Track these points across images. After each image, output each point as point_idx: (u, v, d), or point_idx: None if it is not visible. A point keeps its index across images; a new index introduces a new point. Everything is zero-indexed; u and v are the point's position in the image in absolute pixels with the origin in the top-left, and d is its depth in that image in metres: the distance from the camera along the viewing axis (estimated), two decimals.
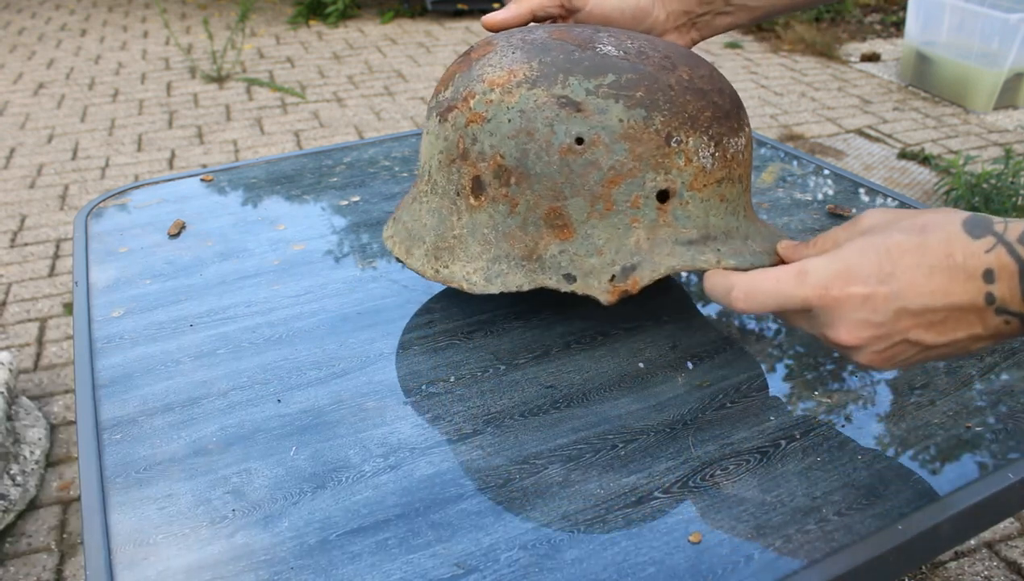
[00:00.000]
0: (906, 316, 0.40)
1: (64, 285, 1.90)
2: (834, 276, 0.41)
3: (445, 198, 0.52)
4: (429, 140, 0.53)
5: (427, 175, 0.54)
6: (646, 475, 0.46)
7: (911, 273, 0.40)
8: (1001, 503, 0.46)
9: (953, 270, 0.39)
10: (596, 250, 0.49)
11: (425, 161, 0.54)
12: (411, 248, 0.54)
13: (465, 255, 0.51)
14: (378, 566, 0.41)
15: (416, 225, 0.54)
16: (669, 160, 0.48)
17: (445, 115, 0.51)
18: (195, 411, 0.52)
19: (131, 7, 4.43)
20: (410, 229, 0.55)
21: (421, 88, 3.15)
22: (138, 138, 2.71)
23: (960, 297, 0.39)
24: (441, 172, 0.52)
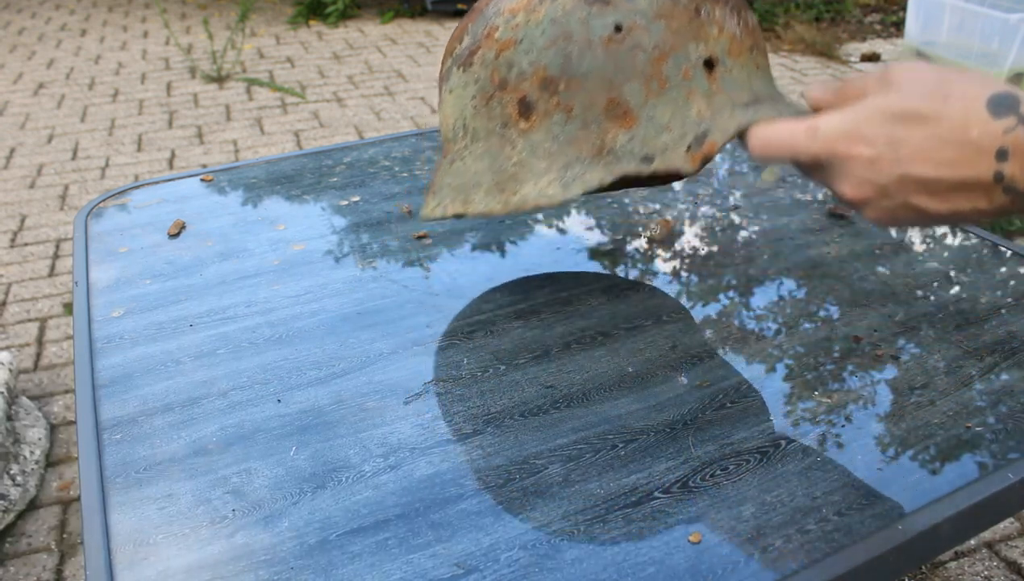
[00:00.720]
0: (910, 182, 0.40)
1: (64, 285, 1.90)
2: (844, 135, 0.42)
3: (492, 137, 0.51)
4: (455, 96, 0.52)
5: (460, 132, 0.52)
6: (646, 475, 0.46)
7: (922, 142, 0.39)
8: (1001, 503, 0.46)
9: (966, 145, 0.38)
10: (664, 128, 0.49)
11: (453, 121, 0.53)
12: (468, 198, 0.51)
13: (532, 175, 0.49)
14: (378, 566, 0.41)
15: (464, 179, 0.52)
16: (704, 30, 0.49)
17: (469, 60, 0.51)
18: (195, 411, 0.52)
19: (131, 7, 4.43)
20: (459, 185, 0.52)
21: (421, 88, 3.15)
22: (138, 138, 2.71)
23: (968, 172, 0.39)
24: (479, 116, 0.51)
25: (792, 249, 0.70)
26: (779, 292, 0.64)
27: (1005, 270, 0.67)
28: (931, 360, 0.56)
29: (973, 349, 0.57)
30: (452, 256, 0.69)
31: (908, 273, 0.66)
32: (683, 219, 0.75)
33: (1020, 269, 0.67)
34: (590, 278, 0.66)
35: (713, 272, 0.66)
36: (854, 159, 0.41)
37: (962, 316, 0.61)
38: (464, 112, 0.52)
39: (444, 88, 0.54)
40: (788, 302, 0.62)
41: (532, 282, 0.65)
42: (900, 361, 0.56)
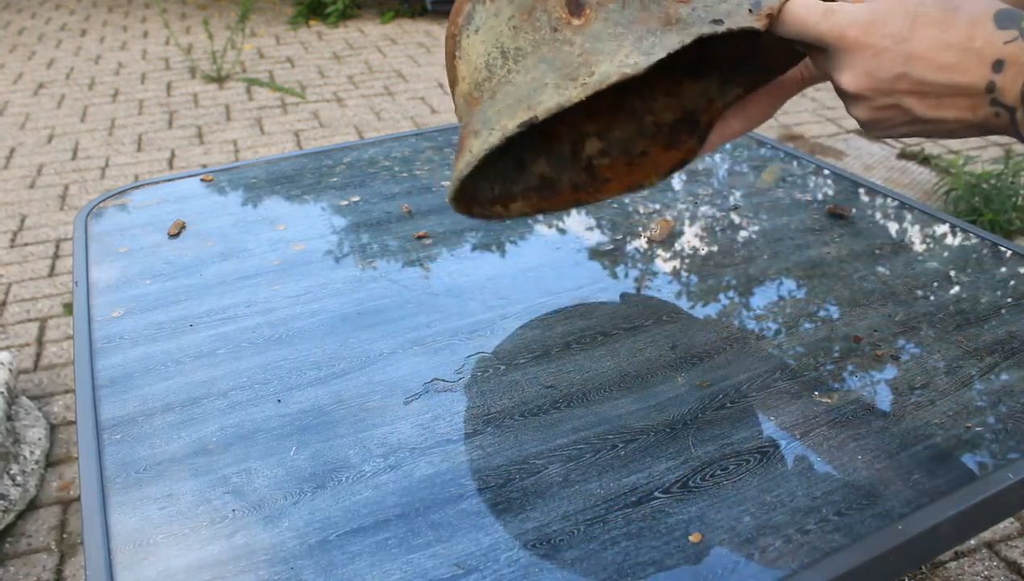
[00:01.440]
0: (905, 81, 0.42)
1: (64, 285, 1.90)
2: (856, 22, 0.43)
3: (541, 47, 0.48)
4: (483, 32, 0.49)
5: (498, 62, 0.49)
6: (646, 475, 0.46)
7: (927, 43, 0.41)
8: (1001, 503, 0.46)
9: (967, 52, 0.40)
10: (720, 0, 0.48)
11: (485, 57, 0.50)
12: (533, 102, 0.47)
13: (604, 56, 0.46)
14: (378, 566, 0.41)
15: (519, 92, 0.47)
16: None
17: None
18: (195, 411, 0.52)
19: (131, 7, 4.43)
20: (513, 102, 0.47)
21: (421, 88, 3.15)
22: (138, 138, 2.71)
23: (962, 77, 0.40)
24: (520, 34, 0.48)
25: (792, 249, 0.70)
26: (779, 292, 0.64)
27: (1005, 270, 0.67)
28: (931, 360, 0.56)
29: (973, 349, 0.57)
30: (452, 256, 0.69)
31: (908, 273, 0.66)
32: (683, 219, 0.75)
33: (1020, 269, 0.67)
34: (590, 278, 0.66)
35: (713, 272, 0.66)
36: (862, 48, 0.43)
37: (962, 316, 0.61)
38: (500, 39, 0.49)
39: (465, 35, 0.51)
40: (788, 302, 0.62)
41: (532, 282, 0.65)
42: (900, 361, 0.56)
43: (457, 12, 0.51)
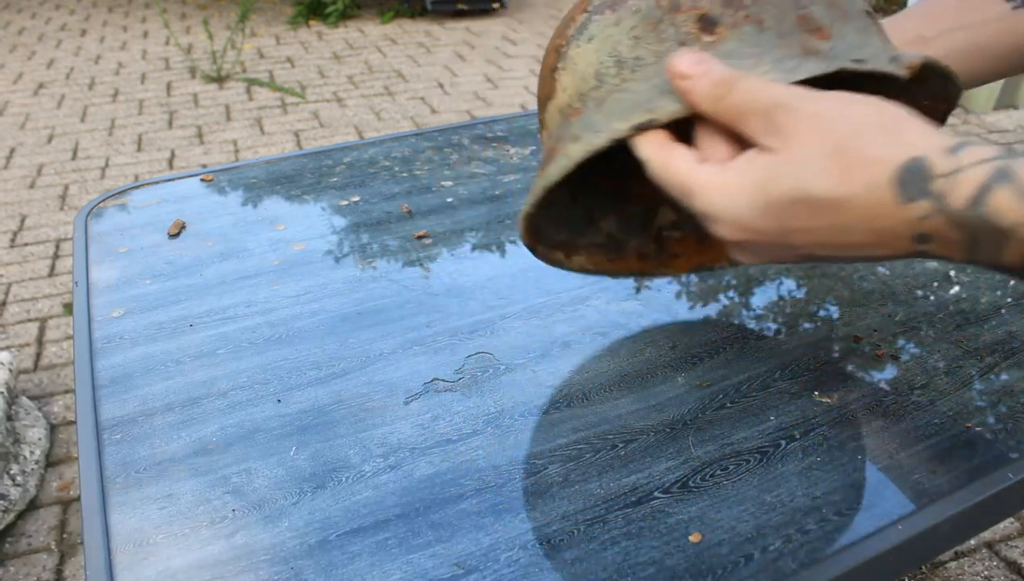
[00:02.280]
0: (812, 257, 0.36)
1: (64, 285, 1.90)
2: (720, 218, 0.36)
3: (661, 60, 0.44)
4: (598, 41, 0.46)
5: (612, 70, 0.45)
6: (646, 475, 0.46)
7: (820, 231, 0.33)
8: (1001, 503, 0.46)
9: (875, 232, 0.32)
10: (857, 46, 0.44)
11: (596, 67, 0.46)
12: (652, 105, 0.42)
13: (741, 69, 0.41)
14: (378, 566, 0.41)
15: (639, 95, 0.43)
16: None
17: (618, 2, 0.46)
18: (195, 411, 0.52)
19: (131, 7, 4.43)
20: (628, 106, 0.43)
21: (421, 88, 3.15)
22: (138, 138, 2.71)
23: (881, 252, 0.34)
24: (642, 45, 0.45)
25: None
26: (779, 292, 0.64)
27: None
28: (931, 360, 0.56)
29: (973, 349, 0.57)
30: (452, 256, 0.69)
31: (908, 273, 0.66)
32: None
33: None
34: (590, 278, 0.66)
35: (713, 272, 0.66)
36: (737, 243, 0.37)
37: (962, 316, 0.61)
38: (616, 48, 0.45)
39: (575, 44, 0.47)
40: (788, 302, 0.62)
41: (532, 282, 0.65)
42: (900, 361, 0.56)
43: (568, 23, 0.49)
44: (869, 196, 0.31)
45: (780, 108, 0.34)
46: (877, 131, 0.32)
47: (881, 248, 0.33)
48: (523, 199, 0.79)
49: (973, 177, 0.30)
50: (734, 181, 0.35)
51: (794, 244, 0.34)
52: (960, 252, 0.31)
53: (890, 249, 0.33)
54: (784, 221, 0.34)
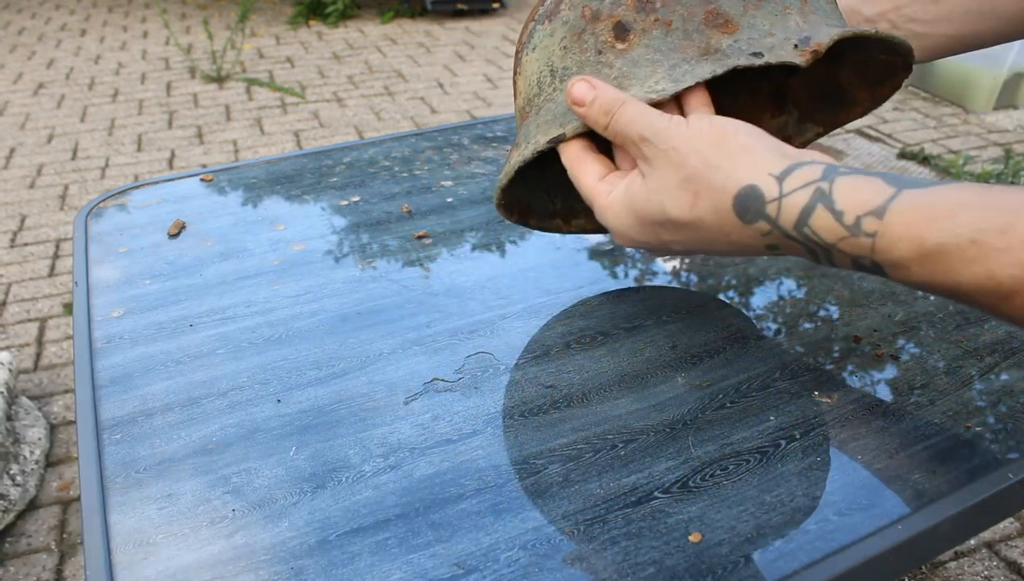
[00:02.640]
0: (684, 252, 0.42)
1: (64, 285, 1.90)
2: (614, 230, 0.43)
3: (585, 67, 0.49)
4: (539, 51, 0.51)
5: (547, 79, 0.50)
6: (646, 475, 0.46)
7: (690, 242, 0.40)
8: (1001, 503, 0.46)
9: (734, 243, 0.39)
10: (767, 33, 0.47)
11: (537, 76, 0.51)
12: (564, 120, 0.48)
13: (636, 81, 0.47)
14: (378, 566, 0.41)
15: (559, 110, 0.48)
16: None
17: (556, 9, 0.50)
18: (195, 411, 0.52)
19: (131, 7, 4.43)
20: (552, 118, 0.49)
21: (421, 88, 3.15)
22: (138, 138, 2.71)
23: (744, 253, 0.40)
24: (569, 55, 0.49)
25: None
26: (779, 292, 0.64)
27: None
28: (931, 360, 0.56)
29: (973, 349, 0.57)
30: (452, 256, 0.69)
31: None
32: None
33: None
34: (590, 278, 0.66)
35: (713, 272, 0.66)
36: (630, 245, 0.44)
37: (962, 316, 0.61)
38: (551, 59, 0.50)
39: (525, 52, 0.52)
40: (788, 302, 0.62)
41: (532, 282, 0.65)
42: (900, 361, 0.56)
43: (522, 32, 0.53)
44: (717, 217, 0.38)
45: (645, 142, 0.40)
46: (721, 162, 0.37)
47: (745, 253, 0.39)
48: None
49: (797, 201, 0.35)
50: (618, 200, 0.42)
51: (673, 250, 0.42)
52: (804, 257, 0.37)
53: (753, 253, 0.39)
54: (658, 235, 0.41)
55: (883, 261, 0.34)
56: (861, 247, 0.34)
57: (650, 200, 0.40)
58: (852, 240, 0.34)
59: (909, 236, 0.32)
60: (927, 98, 3.01)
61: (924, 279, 0.33)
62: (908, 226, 0.32)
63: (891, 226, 0.33)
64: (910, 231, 0.32)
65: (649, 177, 0.40)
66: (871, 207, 0.33)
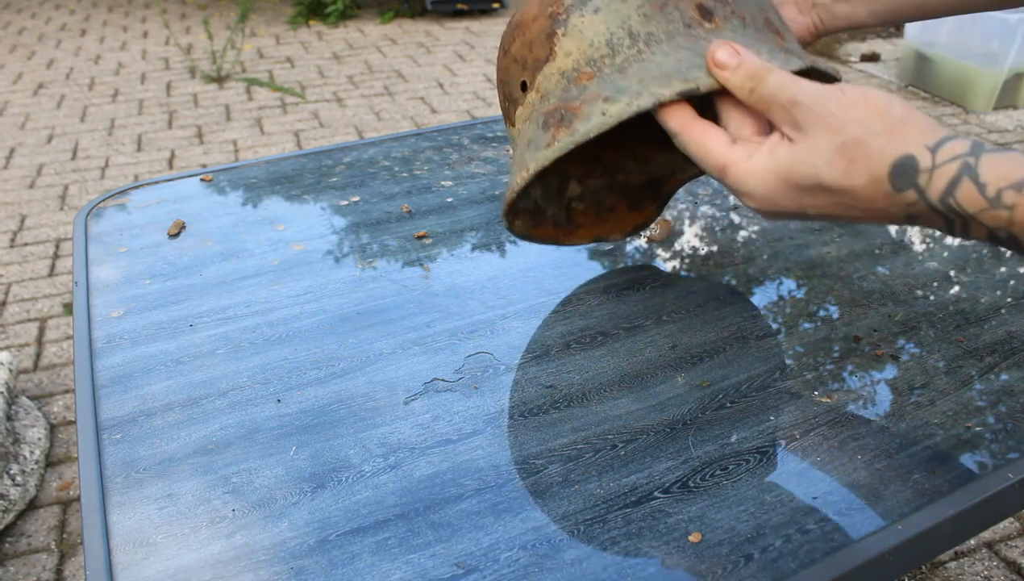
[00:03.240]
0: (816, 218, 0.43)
1: (64, 285, 1.90)
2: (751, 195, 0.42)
3: (676, 36, 0.48)
4: (605, 13, 0.50)
5: (625, 41, 0.49)
6: (646, 475, 0.46)
7: (830, 208, 0.41)
8: (1001, 503, 0.46)
9: (875, 211, 0.39)
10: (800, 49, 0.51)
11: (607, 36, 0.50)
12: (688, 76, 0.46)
13: None
14: (378, 566, 0.41)
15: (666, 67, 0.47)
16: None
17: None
18: (195, 411, 0.52)
19: (131, 7, 4.43)
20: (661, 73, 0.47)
21: (421, 88, 3.15)
22: (138, 138, 2.71)
23: (881, 221, 0.41)
24: (653, 22, 0.49)
25: (792, 249, 0.70)
26: (779, 292, 0.64)
27: (1005, 270, 0.67)
28: (931, 360, 0.56)
29: (973, 349, 0.57)
30: (452, 256, 0.69)
31: (908, 273, 0.66)
32: (683, 219, 0.75)
33: (1020, 269, 0.67)
34: (590, 278, 0.66)
35: (713, 272, 0.66)
36: (763, 212, 0.43)
37: (962, 316, 0.61)
38: (627, 22, 0.49)
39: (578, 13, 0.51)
40: (788, 302, 0.62)
41: (532, 282, 0.65)
42: (900, 361, 0.56)
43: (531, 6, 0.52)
44: (869, 185, 0.38)
45: (797, 106, 0.40)
46: (877, 131, 0.38)
47: (878, 221, 0.40)
48: None
49: (946, 173, 0.37)
50: (761, 165, 0.42)
51: (809, 215, 0.42)
52: (940, 228, 0.39)
53: (886, 221, 0.40)
54: (801, 199, 0.41)
55: (1020, 232, 0.35)
56: (999, 218, 0.36)
57: (803, 162, 0.40)
58: (992, 212, 0.36)
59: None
60: (927, 98, 3.01)
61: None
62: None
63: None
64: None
65: (800, 141, 0.40)
66: (1013, 181, 0.35)
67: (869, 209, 0.39)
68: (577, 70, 0.51)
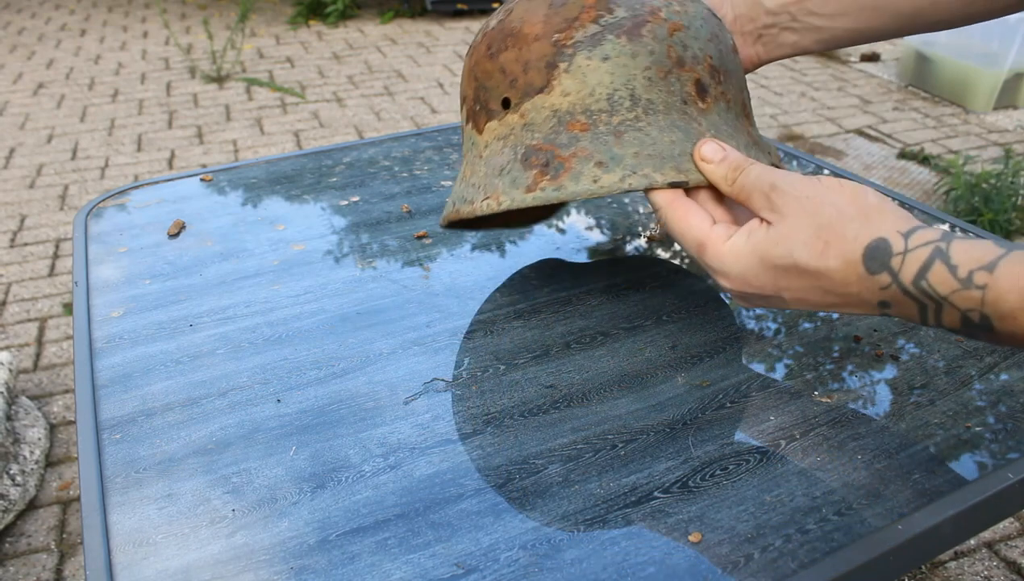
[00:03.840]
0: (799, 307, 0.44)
1: (64, 285, 1.90)
2: (727, 273, 0.44)
3: (673, 112, 0.49)
4: (614, 63, 0.49)
5: (626, 101, 0.49)
6: (646, 475, 0.46)
7: (804, 291, 0.42)
8: (1001, 503, 0.46)
9: (848, 296, 0.41)
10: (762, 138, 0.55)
11: (611, 89, 0.49)
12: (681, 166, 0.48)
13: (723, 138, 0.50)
14: (378, 566, 0.41)
15: (658, 148, 0.48)
16: None
17: (635, 32, 0.49)
18: (195, 411, 0.52)
19: (131, 7, 4.43)
20: (652, 154, 0.48)
21: (421, 88, 3.15)
22: (138, 138, 2.71)
23: (852, 310, 0.42)
24: (655, 89, 0.49)
25: None
26: None
27: None
28: (931, 360, 0.56)
29: (973, 349, 0.57)
30: (452, 256, 0.69)
31: None
32: None
33: None
34: (590, 278, 0.66)
35: None
36: (738, 294, 0.45)
37: None
38: (632, 82, 0.49)
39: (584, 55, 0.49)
40: None
41: (532, 282, 0.65)
42: (900, 361, 0.56)
43: (574, 23, 0.50)
44: (844, 268, 0.39)
45: (776, 191, 0.42)
46: (852, 215, 0.40)
47: (853, 307, 0.41)
48: None
49: (918, 257, 0.38)
50: (739, 244, 0.43)
51: (784, 298, 0.43)
52: (913, 315, 0.39)
53: (861, 308, 0.41)
54: (777, 281, 0.42)
55: (992, 313, 0.36)
56: (971, 300, 0.36)
57: (779, 244, 0.41)
58: (964, 293, 0.36)
59: (1018, 287, 0.35)
60: (927, 98, 3.01)
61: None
62: (1017, 278, 0.35)
63: (1000, 278, 0.35)
64: (1019, 283, 0.35)
65: (778, 224, 0.42)
66: (983, 263, 0.36)
67: (844, 294, 0.40)
68: (572, 115, 0.50)
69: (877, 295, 0.39)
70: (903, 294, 0.38)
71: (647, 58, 0.49)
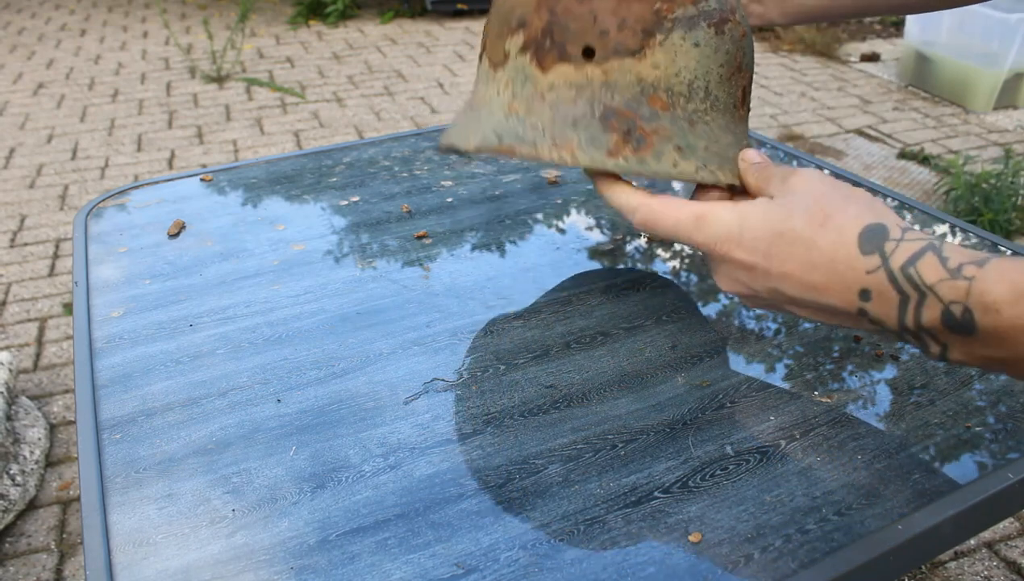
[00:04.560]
0: (780, 295, 0.43)
1: (64, 285, 1.90)
2: (726, 236, 0.43)
3: (729, 113, 0.50)
4: (701, 52, 0.49)
5: (701, 93, 0.49)
6: (646, 475, 0.46)
7: (792, 263, 0.41)
8: (1001, 503, 0.46)
9: (832, 275, 0.40)
10: None
11: (693, 77, 0.49)
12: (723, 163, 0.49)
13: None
14: (378, 566, 0.41)
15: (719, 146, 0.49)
16: None
17: (721, 27, 0.49)
18: (195, 411, 0.52)
19: (131, 7, 4.43)
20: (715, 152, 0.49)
21: (421, 88, 3.15)
22: (138, 138, 2.71)
23: (833, 300, 0.40)
24: (723, 87, 0.50)
25: None
26: None
27: None
28: (931, 360, 0.56)
29: None
30: (452, 256, 0.69)
31: None
32: None
33: None
34: (590, 278, 0.66)
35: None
36: (732, 260, 0.43)
37: None
38: (709, 75, 0.49)
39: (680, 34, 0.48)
40: None
41: (532, 282, 0.65)
42: (900, 361, 0.56)
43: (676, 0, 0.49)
44: (837, 240, 0.40)
45: (792, 174, 0.44)
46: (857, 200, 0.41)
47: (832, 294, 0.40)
48: (523, 199, 0.79)
49: (912, 246, 0.38)
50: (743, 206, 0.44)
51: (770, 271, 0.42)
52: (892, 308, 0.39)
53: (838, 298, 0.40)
54: (770, 245, 0.42)
55: (976, 304, 0.36)
56: (957, 290, 0.36)
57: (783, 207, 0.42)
58: (950, 282, 0.36)
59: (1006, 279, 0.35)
60: (927, 98, 3.01)
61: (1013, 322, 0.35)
62: (1005, 272, 0.35)
63: (989, 270, 0.36)
64: (1007, 275, 0.35)
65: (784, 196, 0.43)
66: (974, 259, 0.37)
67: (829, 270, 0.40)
68: (655, 88, 0.49)
69: (861, 280, 0.39)
70: (888, 281, 0.38)
71: (724, 56, 0.49)
